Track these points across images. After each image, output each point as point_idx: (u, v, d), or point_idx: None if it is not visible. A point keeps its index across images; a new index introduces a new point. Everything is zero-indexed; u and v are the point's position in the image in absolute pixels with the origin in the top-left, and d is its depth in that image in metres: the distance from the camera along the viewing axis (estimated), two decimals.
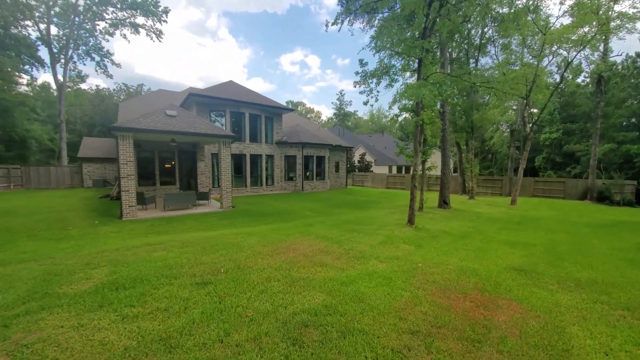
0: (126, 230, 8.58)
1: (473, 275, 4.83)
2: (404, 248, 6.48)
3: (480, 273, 4.94)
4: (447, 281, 4.52)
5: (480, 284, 4.47)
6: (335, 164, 23.37)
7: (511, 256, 6.18)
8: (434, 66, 10.16)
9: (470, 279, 4.63)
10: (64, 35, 24.31)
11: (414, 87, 7.67)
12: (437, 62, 11.30)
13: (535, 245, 7.32)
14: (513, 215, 12.54)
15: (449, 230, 8.73)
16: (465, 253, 6.28)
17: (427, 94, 7.42)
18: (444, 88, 10.94)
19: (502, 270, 5.13)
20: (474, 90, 18.14)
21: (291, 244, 6.39)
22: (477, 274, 4.90)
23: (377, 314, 3.38)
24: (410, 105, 9.43)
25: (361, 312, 3.42)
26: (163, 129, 10.20)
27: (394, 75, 9.30)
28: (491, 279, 4.65)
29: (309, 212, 12.53)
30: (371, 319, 3.27)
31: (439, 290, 4.19)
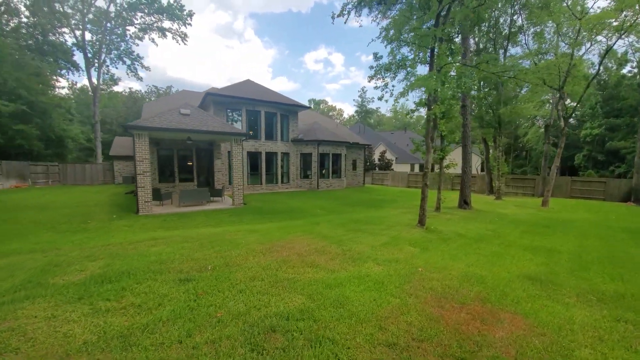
0: (138, 224, 8.89)
1: (478, 283, 4.37)
2: (408, 250, 6.07)
3: (486, 281, 4.46)
4: (446, 288, 4.12)
5: (484, 293, 4.02)
6: (353, 162, 22.93)
7: (529, 263, 5.57)
8: (454, 56, 9.51)
9: (473, 287, 4.19)
10: (97, 40, 26.07)
11: (423, 78, 7.17)
12: (456, 53, 10.60)
13: (560, 251, 6.58)
14: (542, 218, 11.50)
15: (464, 233, 8.13)
16: (476, 258, 5.76)
17: (436, 85, 6.89)
18: (462, 80, 10.31)
19: (513, 279, 4.61)
20: (501, 82, 16.93)
21: (289, 243, 6.23)
22: (483, 281, 4.43)
23: (355, 322, 3.10)
24: (424, 99, 8.89)
25: (338, 318, 3.16)
26: (176, 127, 10.48)
27: (410, 67, 8.79)
28: (498, 288, 4.17)
29: (320, 210, 12.33)
30: (347, 327, 3.01)
31: (434, 298, 3.81)
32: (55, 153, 22.58)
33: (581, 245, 7.13)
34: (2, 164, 16.83)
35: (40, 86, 18.11)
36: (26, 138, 18.00)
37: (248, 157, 17.41)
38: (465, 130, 13.14)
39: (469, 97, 12.74)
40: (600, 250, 6.68)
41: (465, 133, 13.17)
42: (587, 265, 5.50)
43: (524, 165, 37.84)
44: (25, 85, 17.07)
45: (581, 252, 6.48)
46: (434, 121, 8.43)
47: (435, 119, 8.32)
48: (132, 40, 29.32)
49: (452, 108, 11.73)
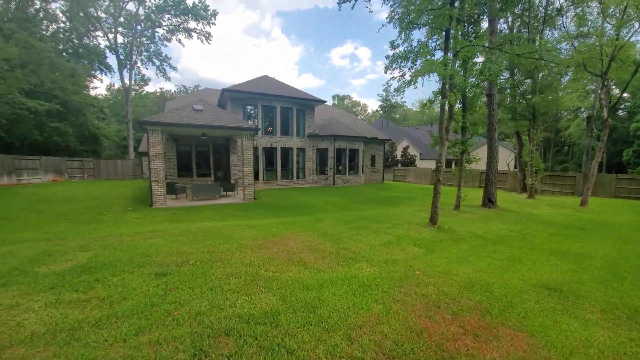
0: (148, 217, 9.13)
1: (482, 291, 3.83)
2: (411, 251, 5.57)
3: (493, 289, 3.90)
4: (442, 296, 3.63)
5: (486, 303, 3.48)
6: (371, 158, 22.20)
7: (551, 270, 4.85)
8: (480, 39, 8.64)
9: (474, 296, 3.66)
10: (128, 43, 27.54)
11: (430, 63, 6.52)
12: (481, 36, 9.67)
13: (592, 257, 5.72)
14: (578, 219, 10.27)
15: (482, 234, 7.39)
16: (488, 262, 5.13)
17: (449, 71, 6.22)
18: (487, 66, 9.41)
19: (527, 288, 3.99)
20: (536, 69, 15.41)
21: (284, 239, 5.97)
22: (488, 289, 3.87)
23: (322, 330, 2.76)
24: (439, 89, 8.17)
25: (304, 324, 2.83)
26: (188, 122, 10.64)
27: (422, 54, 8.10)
28: (504, 299, 3.61)
29: (331, 206, 11.98)
30: (311, 335, 2.68)
31: (424, 306, 3.35)
32: (91, 150, 24.36)
33: (620, 251, 6.17)
34: (42, 159, 18.35)
35: (73, 86, 19.51)
36: (61, 135, 19.54)
37: (264, 152, 17.44)
38: (492, 121, 12.05)
39: (495, 85, 11.60)
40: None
41: (491, 125, 12.08)
42: (623, 275, 4.68)
43: (565, 161, 34.67)
44: (60, 86, 18.50)
45: (618, 259, 5.58)
46: (450, 111, 7.70)
47: (451, 108, 7.59)
48: (161, 41, 30.67)
49: (474, 97, 10.80)
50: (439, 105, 7.32)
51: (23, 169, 17.24)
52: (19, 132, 16.63)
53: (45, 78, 17.12)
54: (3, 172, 15.89)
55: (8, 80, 14.02)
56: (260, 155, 17.26)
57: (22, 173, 17.18)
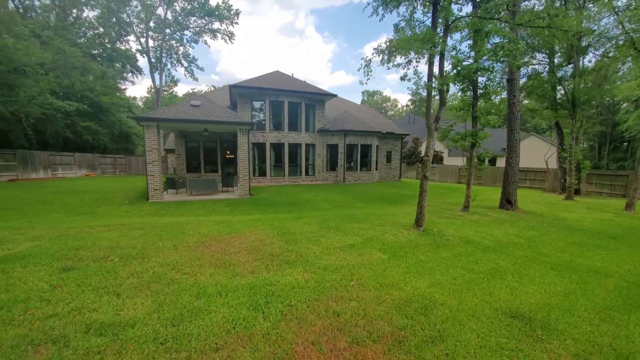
0: (136, 210, 9.30)
1: (417, 312, 3.06)
2: (370, 257, 4.83)
3: (434, 311, 3.11)
4: (360, 316, 2.95)
5: (410, 330, 2.73)
6: (387, 154, 20.95)
7: (538, 290, 3.85)
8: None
9: (401, 319, 2.92)
10: (158, 46, 29.15)
11: (406, 39, 5.58)
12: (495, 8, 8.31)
13: (608, 275, 4.52)
14: (614, 225, 8.54)
15: (478, 240, 6.31)
16: (457, 275, 4.23)
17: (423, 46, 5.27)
18: (500, 45, 8.18)
19: (484, 313, 3.13)
20: (576, 49, 13.26)
21: (236, 237, 5.57)
22: (427, 311, 3.10)
23: (164, 350, 2.27)
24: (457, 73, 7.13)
25: (150, 340, 2.37)
26: (182, 117, 10.70)
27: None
28: (439, 326, 2.82)
29: (327, 204, 11.35)
30: (145, 355, 2.20)
31: (325, 328, 2.71)
32: (123, 147, 26.34)
33: None
34: (75, 155, 20.10)
35: (102, 88, 21.12)
36: (92, 133, 21.26)
37: (271, 148, 17.25)
38: (512, 110, 10.49)
39: (514, 68, 10.00)
40: None
41: (512, 114, 10.51)
42: (638, 304, 3.53)
43: (623, 159, 30.01)
44: (90, 87, 20.10)
45: (638, 278, 4.33)
46: (440, 96, 6.66)
47: (441, 93, 6.55)
48: (189, 43, 32.04)
49: (487, 83, 9.46)
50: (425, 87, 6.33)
51: (58, 164, 19.01)
52: (52, 130, 18.40)
53: (76, 80, 18.70)
54: (39, 167, 17.64)
55: (40, 83, 15.46)
56: (267, 151, 17.10)
57: (57, 168, 18.95)
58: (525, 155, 28.63)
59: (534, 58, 14.44)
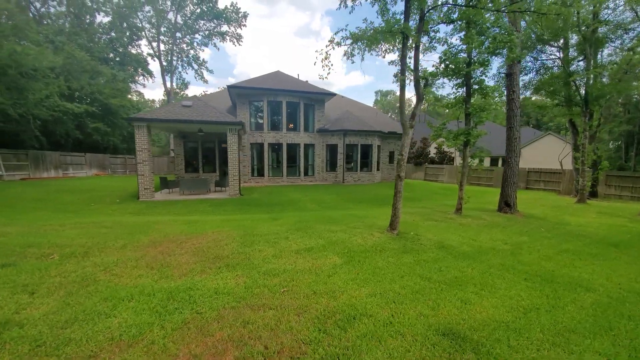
0: (121, 209, 9.43)
1: (340, 326, 2.78)
2: (324, 261, 4.54)
3: (359, 325, 2.81)
4: (267, 329, 2.69)
5: (315, 346, 2.45)
6: (389, 154, 20.34)
7: (498, 303, 3.44)
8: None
9: (313, 334, 2.63)
10: (169, 50, 29.97)
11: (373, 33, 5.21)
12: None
13: (591, 289, 4.01)
14: (622, 232, 7.75)
15: (455, 245, 5.85)
16: (409, 283, 3.87)
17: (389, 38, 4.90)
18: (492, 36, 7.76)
19: (416, 330, 2.79)
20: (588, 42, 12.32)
21: (195, 238, 5.44)
22: (352, 324, 2.81)
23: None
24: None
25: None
26: (172, 117, 10.78)
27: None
28: (353, 342, 2.52)
29: (316, 205, 11.09)
30: None
31: (218, 341, 2.48)
32: (133, 148, 27.20)
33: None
34: (86, 155, 20.91)
35: (112, 91, 21.92)
36: (101, 134, 22.07)
37: (269, 148, 17.18)
38: (511, 107, 9.82)
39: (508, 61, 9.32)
40: None
41: (511, 111, 9.84)
42: (612, 325, 3.06)
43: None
44: (100, 90, 20.88)
45: (631, 297, 3.79)
46: (417, 91, 6.23)
47: (417, 86, 6.11)
48: (199, 46, 32.72)
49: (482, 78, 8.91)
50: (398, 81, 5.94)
51: (69, 164, 19.83)
52: (62, 131, 19.23)
53: (85, 83, 19.48)
54: (50, 167, 18.45)
55: (50, 86, 16.19)
56: (265, 152, 17.04)
57: (68, 167, 19.76)
58: (541, 156, 27.06)
59: (543, 52, 13.52)
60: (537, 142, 26.31)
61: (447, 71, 8.30)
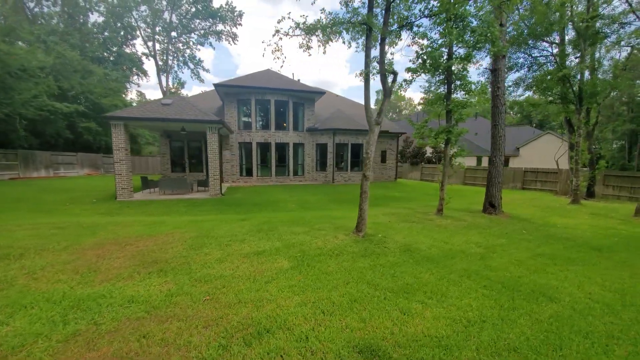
0: (93, 209, 9.24)
1: (246, 342, 2.49)
2: (270, 266, 4.27)
3: (269, 340, 2.53)
4: (162, 345, 2.43)
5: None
6: (381, 153, 19.98)
7: (441, 314, 3.14)
8: None
9: (210, 351, 2.35)
10: (164, 49, 29.93)
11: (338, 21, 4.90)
12: None
13: (556, 299, 3.70)
14: (610, 235, 7.35)
15: (424, 248, 5.53)
16: (353, 291, 3.59)
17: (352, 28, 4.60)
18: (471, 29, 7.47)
19: (333, 346, 2.50)
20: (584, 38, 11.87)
21: (145, 240, 5.22)
22: (261, 339, 2.54)
23: None
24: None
25: None
26: (150, 116, 10.58)
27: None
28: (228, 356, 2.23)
29: (296, 205, 10.82)
30: None
31: (99, 357, 2.20)
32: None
33: (623, 293, 3.92)
34: (78, 155, 20.88)
35: (102, 90, 21.87)
36: (93, 134, 22.04)
37: (258, 148, 16.94)
38: (496, 104, 9.44)
39: (490, 54, 8.97)
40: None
41: (496, 108, 9.47)
42: (566, 340, 2.74)
43: None
44: (91, 90, 20.85)
45: (595, 309, 3.45)
46: (383, 86, 5.91)
47: (384, 81, 5.80)
48: (195, 46, 32.65)
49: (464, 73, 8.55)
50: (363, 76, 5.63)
51: (60, 164, 19.80)
52: (52, 131, 19.21)
53: (76, 83, 19.46)
54: (41, 166, 18.43)
55: (39, 86, 16.15)
56: (254, 151, 16.81)
57: (59, 167, 19.74)
58: (540, 155, 26.44)
59: (536, 48, 13.07)
60: (535, 141, 25.74)
61: (425, 66, 7.98)
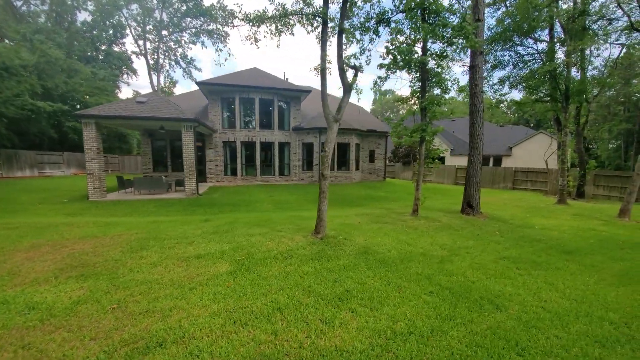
0: (59, 210, 8.99)
1: (130, 357, 2.23)
2: (207, 270, 4.03)
3: (156, 354, 2.26)
4: (22, 357, 2.16)
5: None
6: (370, 153, 19.68)
7: (366, 324, 2.90)
8: None
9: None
10: (155, 48, 29.68)
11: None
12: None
13: (504, 307, 3.45)
14: (588, 237, 7.10)
15: (383, 251, 5.27)
16: (281, 298, 3.34)
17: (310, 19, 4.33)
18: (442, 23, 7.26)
19: (225, 358, 2.24)
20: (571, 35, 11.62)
21: (88, 241, 5.00)
22: (144, 356, 2.25)
23: None
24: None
25: None
26: (121, 114, 10.33)
27: None
28: None
29: (273, 205, 10.57)
30: None
31: None
32: (118, 147, 26.97)
33: (582, 301, 3.67)
34: (64, 154, 20.65)
35: (88, 89, 21.65)
36: (78, 133, 21.79)
37: (242, 147, 16.69)
38: (474, 101, 9.19)
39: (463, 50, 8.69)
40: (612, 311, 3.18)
41: (474, 106, 9.21)
42: (497, 356, 2.50)
43: None
44: (76, 89, 20.62)
45: (548, 317, 3.20)
46: (342, 81, 5.64)
47: (343, 77, 5.53)
48: (187, 45, 32.40)
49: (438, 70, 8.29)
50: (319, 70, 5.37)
51: (45, 163, 19.57)
52: (36, 130, 18.98)
53: (60, 82, 19.23)
54: (25, 166, 18.21)
55: (22, 84, 15.92)
56: (238, 150, 16.56)
57: (45, 167, 19.50)
58: (533, 155, 26.12)
59: (522, 45, 12.79)
60: (528, 141, 25.47)
61: (396, 63, 7.72)
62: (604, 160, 36.66)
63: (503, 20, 12.13)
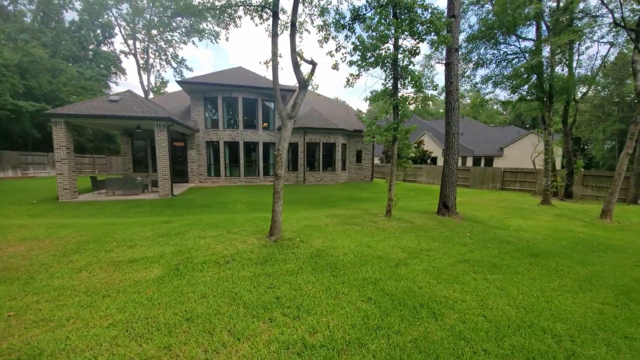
0: (25, 211, 8.75)
1: None
2: (134, 275, 3.81)
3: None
4: None
5: None
6: (357, 153, 19.44)
7: (282, 338, 2.66)
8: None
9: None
10: (144, 48, 29.46)
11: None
12: None
13: (444, 315, 3.19)
14: (563, 239, 6.88)
15: (337, 254, 5.03)
16: (203, 307, 3.11)
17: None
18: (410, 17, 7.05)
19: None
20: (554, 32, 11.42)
21: (30, 242, 4.79)
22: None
23: None
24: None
25: None
26: (92, 113, 10.09)
27: None
28: None
29: (247, 206, 10.34)
30: None
31: None
32: (105, 147, 26.75)
33: (529, 307, 3.43)
34: (49, 155, 20.39)
35: (72, 88, 21.41)
36: None
37: (225, 147, 16.45)
38: (449, 100, 8.96)
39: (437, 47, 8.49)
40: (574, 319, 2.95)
41: (449, 104, 8.99)
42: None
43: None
44: (59, 89, 20.39)
45: (485, 327, 2.97)
46: (297, 77, 5.42)
47: (298, 73, 5.31)
48: (177, 45, 32.21)
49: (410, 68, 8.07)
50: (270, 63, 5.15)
51: (29, 164, 19.32)
52: (19, 130, 18.73)
53: (44, 82, 18.99)
54: (8, 167, 17.95)
55: (2, 84, 15.68)
56: (221, 150, 16.32)
57: (29, 167, 19.25)
58: (524, 155, 25.91)
59: (505, 43, 12.57)
60: (519, 141, 25.27)
61: (365, 59, 7.51)
62: (598, 161, 36.49)
63: (486, 20, 11.94)
